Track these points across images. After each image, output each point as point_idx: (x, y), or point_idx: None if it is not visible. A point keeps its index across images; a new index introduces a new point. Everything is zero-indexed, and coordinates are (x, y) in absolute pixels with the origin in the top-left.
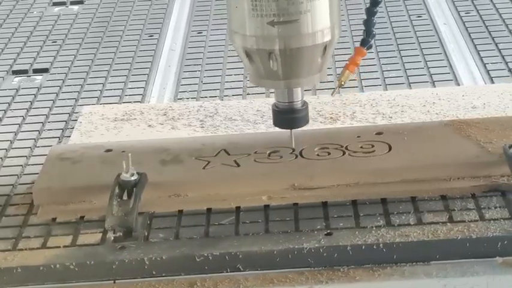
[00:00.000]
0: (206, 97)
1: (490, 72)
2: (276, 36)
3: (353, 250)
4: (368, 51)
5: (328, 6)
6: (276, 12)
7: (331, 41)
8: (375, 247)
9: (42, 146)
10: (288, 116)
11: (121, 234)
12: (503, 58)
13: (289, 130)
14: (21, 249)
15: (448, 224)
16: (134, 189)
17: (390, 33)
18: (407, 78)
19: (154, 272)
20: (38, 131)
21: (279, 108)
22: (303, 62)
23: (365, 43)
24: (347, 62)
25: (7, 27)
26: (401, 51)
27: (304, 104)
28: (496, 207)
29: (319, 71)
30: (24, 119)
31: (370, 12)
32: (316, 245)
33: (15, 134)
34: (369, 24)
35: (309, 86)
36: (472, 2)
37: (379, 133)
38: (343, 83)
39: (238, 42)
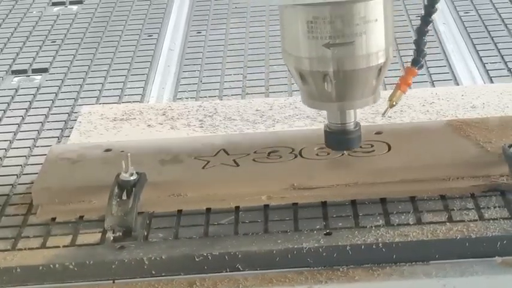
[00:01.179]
0: (205, 97)
1: (489, 72)
2: (331, 58)
3: (352, 250)
4: (419, 71)
5: (383, 28)
6: (331, 34)
7: (386, 62)
8: (374, 247)
9: (41, 146)
10: (340, 137)
11: (120, 234)
12: (503, 58)
13: (288, 130)
14: (21, 249)
15: (448, 223)
16: (133, 189)
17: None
18: None
19: (153, 272)
20: (37, 130)
21: (332, 130)
22: (357, 84)
23: (416, 63)
24: (398, 82)
25: (6, 27)
26: (400, 51)
27: (357, 125)
28: (495, 207)
29: (373, 93)
30: (23, 118)
31: (421, 31)
32: (316, 245)
33: (15, 134)
34: (419, 43)
35: (362, 108)
36: (471, 2)
37: (378, 133)
38: (394, 103)
39: (292, 63)
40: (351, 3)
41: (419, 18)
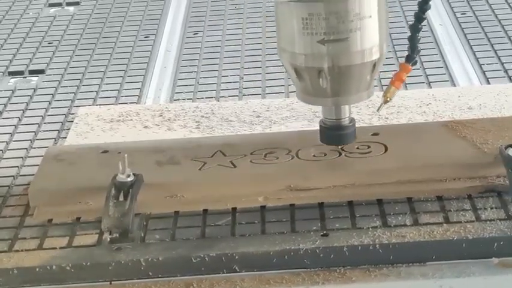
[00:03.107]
0: (202, 98)
1: (485, 73)
2: (325, 54)
3: (349, 251)
4: (413, 67)
5: (377, 24)
6: (326, 30)
7: (380, 58)
8: (371, 248)
9: (38, 147)
10: (335, 132)
11: (117, 235)
12: (499, 59)
13: (285, 131)
14: (17, 251)
15: (444, 224)
16: (130, 190)
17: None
18: None
19: (150, 273)
20: (34, 132)
21: (327, 125)
22: (352, 80)
23: (410, 59)
24: (392, 78)
25: (3, 28)
26: (397, 52)
27: (352, 120)
28: (492, 208)
29: (367, 88)
30: (20, 120)
31: (415, 28)
32: (313, 246)
33: (11, 135)
34: (413, 40)
35: (356, 103)
36: (468, 3)
37: (375, 134)
38: (388, 99)
39: (287, 59)
40: (345, 0)
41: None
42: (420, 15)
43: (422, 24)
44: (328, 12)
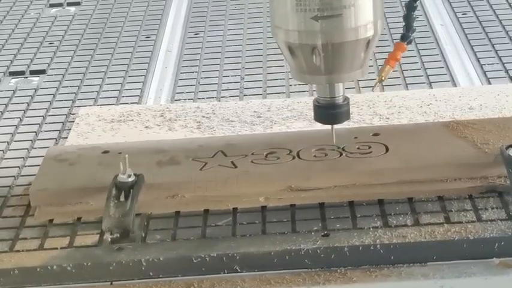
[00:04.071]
0: (203, 98)
1: (486, 73)
2: (319, 31)
3: (350, 251)
4: (408, 46)
5: (371, 1)
6: (319, 6)
7: (374, 36)
8: (372, 248)
9: (39, 148)
10: (329, 111)
11: (118, 235)
12: (500, 59)
13: (286, 131)
14: (18, 251)
15: (445, 225)
16: (131, 190)
17: (387, 34)
18: (404, 79)
19: (151, 274)
20: (35, 132)
21: (320, 103)
22: (345, 57)
23: (405, 38)
24: (387, 58)
25: (4, 28)
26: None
27: (346, 99)
28: (493, 208)
29: (361, 66)
30: (21, 120)
31: (410, 6)
32: (313, 246)
33: (12, 136)
34: (408, 19)
35: (350, 81)
36: (469, 3)
37: (376, 134)
38: (383, 78)
39: (281, 37)
40: None
41: None
42: None
43: (417, 2)
44: None
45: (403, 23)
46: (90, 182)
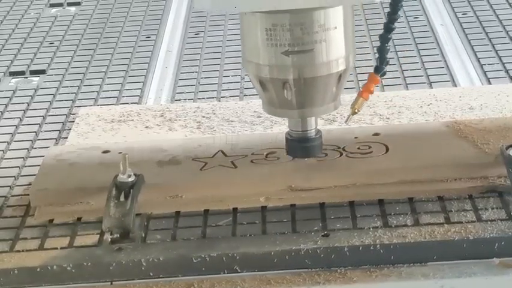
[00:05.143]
0: (203, 98)
1: (487, 73)
2: (290, 65)
3: (350, 251)
4: (382, 78)
5: (342, 35)
6: (290, 41)
7: (346, 69)
8: (372, 248)
9: (39, 148)
10: (301, 144)
11: (118, 235)
12: (500, 59)
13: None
14: (19, 251)
15: (445, 225)
16: (131, 190)
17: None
18: (405, 79)
19: (151, 274)
20: (35, 132)
21: (292, 137)
22: (317, 92)
23: (378, 70)
24: (360, 90)
25: (4, 28)
26: (398, 52)
27: (318, 132)
28: (493, 208)
29: (333, 100)
30: (21, 120)
31: (384, 38)
32: (314, 246)
33: (12, 136)
34: (382, 51)
35: (323, 115)
36: (469, 3)
37: (376, 134)
38: (356, 110)
39: (252, 71)
40: (310, 11)
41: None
42: (389, 26)
43: (391, 34)
44: (293, 23)
45: (377, 55)
46: (90, 182)
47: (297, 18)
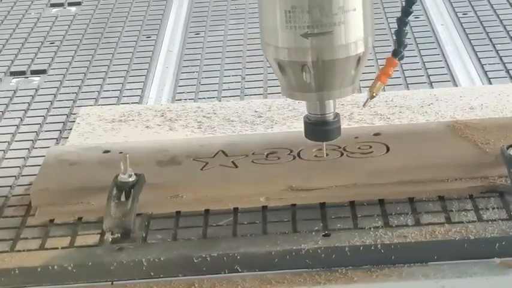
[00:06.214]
0: (204, 98)
1: (487, 73)
2: (309, 48)
3: (351, 251)
4: (399, 61)
5: (362, 17)
6: (309, 24)
7: (365, 52)
8: (372, 248)
9: (39, 147)
10: (320, 128)
11: (119, 235)
12: (501, 59)
13: (287, 131)
14: (19, 251)
15: (446, 225)
16: (132, 190)
17: (388, 34)
18: (405, 79)
19: (152, 274)
20: (35, 132)
21: (311, 120)
22: (336, 74)
23: (396, 54)
24: (378, 73)
25: (5, 28)
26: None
27: (337, 116)
28: (493, 208)
29: (352, 83)
30: (21, 120)
31: (402, 22)
32: (314, 246)
33: (13, 135)
34: (400, 34)
35: (341, 98)
36: (470, 3)
37: (376, 134)
38: (374, 94)
39: (271, 53)
40: None
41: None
42: (407, 9)
43: (409, 18)
44: (312, 5)
45: (395, 38)
46: (90, 182)
47: (316, 0)
